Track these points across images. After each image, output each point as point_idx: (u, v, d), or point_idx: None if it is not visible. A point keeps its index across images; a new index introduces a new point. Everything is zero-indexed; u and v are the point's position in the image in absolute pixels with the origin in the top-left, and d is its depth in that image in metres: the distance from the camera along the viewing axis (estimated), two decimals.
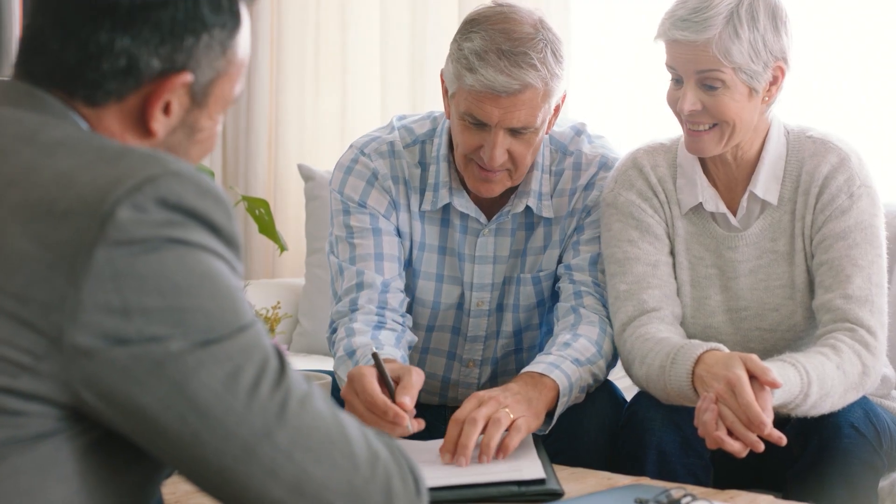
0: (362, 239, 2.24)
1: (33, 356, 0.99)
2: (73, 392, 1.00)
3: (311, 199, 3.18)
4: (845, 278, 2.04)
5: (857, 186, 2.07)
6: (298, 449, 1.05)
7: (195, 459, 1.03)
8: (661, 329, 2.08)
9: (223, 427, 1.02)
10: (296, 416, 1.05)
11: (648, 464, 2.04)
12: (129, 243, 0.99)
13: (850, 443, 1.96)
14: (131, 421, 1.02)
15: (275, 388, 1.05)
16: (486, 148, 2.10)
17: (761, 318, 2.14)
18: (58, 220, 0.99)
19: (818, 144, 2.11)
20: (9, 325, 0.98)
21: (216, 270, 1.04)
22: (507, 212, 2.25)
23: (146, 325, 1.00)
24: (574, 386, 2.06)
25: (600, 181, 2.26)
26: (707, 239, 2.16)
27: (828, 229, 2.07)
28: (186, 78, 1.13)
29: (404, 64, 3.43)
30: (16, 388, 0.99)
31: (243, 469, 1.03)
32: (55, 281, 0.98)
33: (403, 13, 3.42)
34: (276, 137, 3.60)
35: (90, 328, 0.99)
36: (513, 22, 2.08)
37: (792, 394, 1.89)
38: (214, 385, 1.02)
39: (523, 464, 1.83)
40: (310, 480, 1.05)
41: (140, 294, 0.99)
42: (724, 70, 1.99)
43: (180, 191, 1.02)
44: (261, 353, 1.05)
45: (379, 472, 1.09)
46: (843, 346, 1.98)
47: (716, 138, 2.05)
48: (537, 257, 2.29)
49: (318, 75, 3.56)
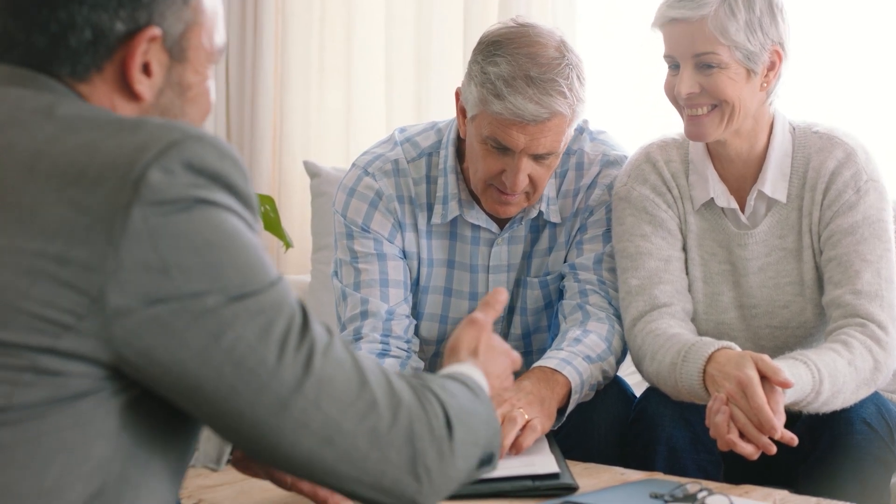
0: (367, 264, 2.21)
1: (75, 316, 1.01)
2: (114, 350, 1.03)
3: (317, 195, 3.17)
4: (854, 274, 2.03)
5: (865, 181, 2.07)
6: (325, 399, 1.09)
7: (231, 413, 1.07)
8: (672, 325, 2.07)
9: (257, 379, 1.06)
10: (321, 367, 1.09)
11: (658, 459, 2.04)
12: (162, 203, 1.03)
13: (862, 438, 1.96)
14: (170, 376, 1.05)
15: (301, 340, 1.09)
16: (509, 173, 2.08)
17: (771, 315, 2.13)
18: (90, 186, 1.03)
19: (824, 140, 2.11)
20: (51, 287, 1.01)
21: (241, 229, 1.08)
22: (521, 218, 2.24)
23: (185, 281, 1.03)
24: (585, 383, 2.06)
25: (602, 180, 2.25)
26: (719, 235, 2.16)
27: (835, 225, 2.06)
28: (154, 32, 1.15)
29: (409, 60, 3.42)
30: (58, 348, 1.01)
31: (276, 422, 1.07)
32: (94, 242, 1.01)
33: (408, 10, 3.42)
34: (280, 134, 3.59)
35: (130, 286, 1.02)
36: (538, 45, 2.06)
37: (804, 392, 1.89)
38: (249, 338, 1.05)
39: (536, 459, 1.84)
40: (337, 429, 1.09)
41: (176, 251, 1.03)
42: (721, 49, 2.00)
43: (203, 153, 1.06)
44: (289, 307, 1.09)
45: (402, 416, 1.13)
46: (855, 342, 1.98)
47: (715, 121, 2.04)
48: (543, 259, 2.28)
49: (323, 72, 3.55)
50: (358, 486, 1.13)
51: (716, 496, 1.61)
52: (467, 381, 1.27)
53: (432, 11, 3.37)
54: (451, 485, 1.18)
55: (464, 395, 1.23)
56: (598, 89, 2.96)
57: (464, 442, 1.18)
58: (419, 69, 3.41)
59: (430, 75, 3.38)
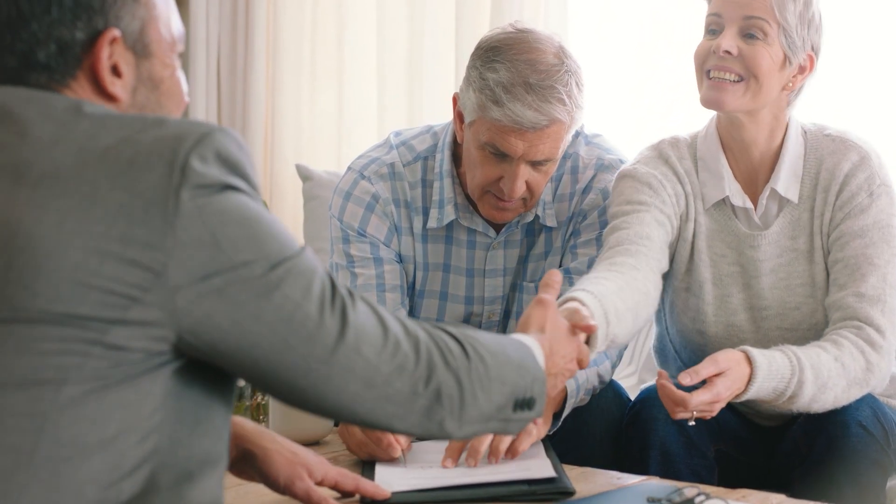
0: (363, 269, 2.21)
1: (141, 289, 1.12)
2: (177, 319, 1.14)
3: (310, 198, 3.17)
4: (860, 277, 2.02)
5: (878, 185, 2.06)
6: (363, 344, 1.22)
7: (284, 366, 1.19)
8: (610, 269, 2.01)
9: (306, 331, 1.19)
10: (354, 318, 1.22)
11: (652, 463, 2.04)
12: (203, 186, 1.14)
13: (859, 441, 1.96)
14: (229, 338, 1.17)
15: (334, 296, 1.21)
16: (507, 180, 2.08)
17: (783, 317, 2.12)
18: (140, 172, 1.13)
19: (837, 142, 2.10)
20: (118, 265, 1.12)
21: (263, 210, 1.21)
22: (517, 222, 2.23)
23: (234, 252, 1.15)
24: (581, 388, 2.05)
25: (597, 184, 2.24)
26: (729, 236, 2.14)
27: (845, 226, 2.06)
28: (113, 34, 1.23)
29: (401, 63, 3.42)
30: (127, 319, 1.13)
31: (325, 369, 1.20)
32: (152, 222, 1.12)
33: (400, 12, 3.41)
34: (272, 137, 3.58)
35: (189, 261, 1.13)
36: (537, 52, 2.06)
37: (783, 378, 1.89)
38: (294, 297, 1.18)
39: (532, 463, 1.83)
40: (376, 371, 1.22)
41: (223, 226, 1.15)
42: (771, 23, 2.00)
43: (228, 144, 1.17)
44: (321, 269, 1.22)
45: (422, 351, 1.26)
46: (844, 341, 1.97)
47: (738, 92, 2.02)
48: (539, 264, 2.27)
49: (315, 75, 3.54)
50: (396, 421, 1.25)
51: (713, 500, 1.61)
52: (508, 337, 1.43)
53: (424, 14, 3.37)
54: (476, 416, 1.30)
55: (494, 340, 1.36)
56: (590, 92, 2.95)
57: (483, 376, 1.30)
58: (411, 72, 3.40)
59: (423, 78, 3.38)
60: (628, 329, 1.93)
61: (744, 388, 1.88)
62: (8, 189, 1.14)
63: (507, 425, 1.36)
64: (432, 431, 1.28)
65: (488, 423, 1.33)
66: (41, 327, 1.11)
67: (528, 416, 1.38)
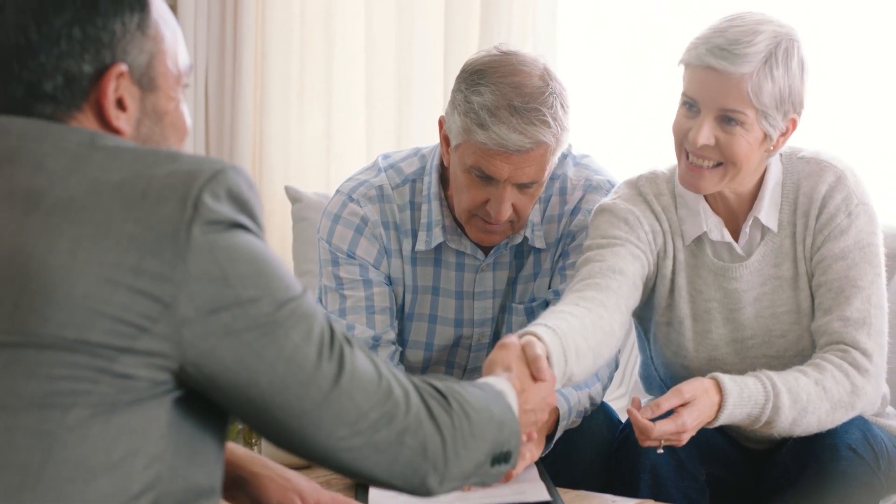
0: (353, 291, 2.21)
1: (150, 319, 1.14)
2: (182, 351, 1.15)
3: (299, 220, 3.17)
4: (844, 300, 2.01)
5: (856, 205, 2.05)
6: (357, 391, 1.22)
7: (279, 406, 1.20)
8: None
9: (304, 374, 1.19)
10: (351, 364, 1.23)
11: (643, 486, 2.03)
12: (214, 222, 1.16)
13: (848, 464, 1.95)
14: (229, 373, 1.17)
15: (332, 341, 1.22)
16: (493, 203, 2.08)
17: (768, 345, 2.10)
18: (153, 205, 1.15)
19: (812, 164, 2.08)
20: (129, 295, 1.13)
21: (270, 250, 1.22)
22: (506, 244, 2.24)
23: (242, 289, 1.17)
24: (573, 410, 2.06)
25: (585, 205, 2.24)
26: (706, 272, 2.12)
27: (826, 249, 2.04)
28: (121, 69, 1.23)
29: (390, 85, 3.42)
30: (136, 348, 1.14)
31: (318, 412, 1.21)
32: (164, 255, 1.14)
33: (389, 34, 3.41)
34: (260, 159, 3.58)
35: (198, 295, 1.15)
36: (522, 74, 2.06)
37: (756, 403, 1.89)
38: (296, 339, 1.19)
39: (527, 487, 1.84)
40: (365, 418, 1.23)
41: (232, 263, 1.16)
42: (750, 111, 1.95)
43: (239, 183, 1.19)
44: (321, 313, 1.23)
45: (412, 404, 1.26)
46: (828, 365, 1.96)
47: (716, 177, 2.00)
48: (528, 286, 2.27)
49: (303, 96, 3.54)
50: (379, 470, 1.25)
51: None
52: (483, 385, 1.43)
53: (412, 36, 3.37)
54: (457, 473, 1.30)
55: (478, 397, 1.36)
56: (580, 99, 2.96)
57: (468, 434, 1.30)
58: (400, 93, 3.40)
59: (411, 100, 3.38)
60: (587, 368, 1.89)
61: (714, 416, 1.88)
62: (22, 216, 1.15)
63: (485, 478, 1.37)
64: (414, 485, 1.28)
65: (468, 479, 1.33)
66: (51, 353, 1.13)
67: (503, 469, 1.38)
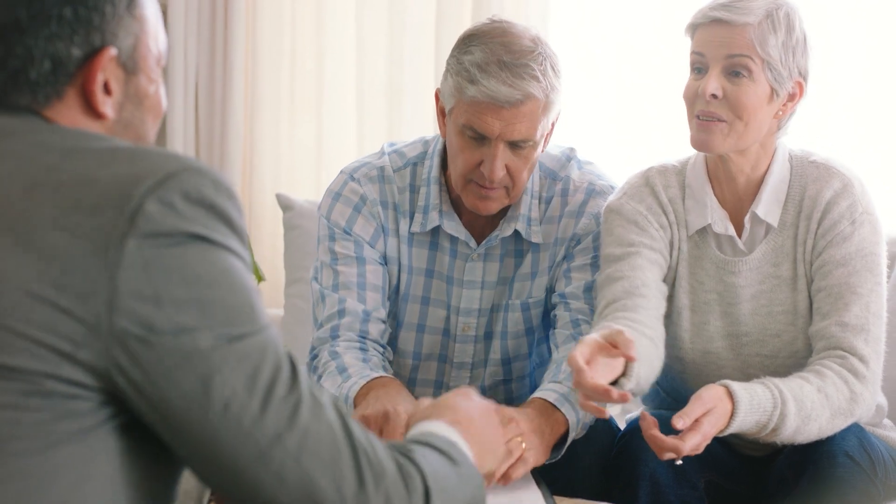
0: (346, 266, 2.24)
1: (73, 344, 1.03)
2: (109, 380, 1.04)
3: (290, 228, 3.14)
4: (843, 306, 2.02)
5: (860, 213, 2.06)
6: (306, 454, 1.08)
7: (212, 458, 1.07)
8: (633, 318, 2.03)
9: (240, 427, 1.06)
10: (306, 422, 1.09)
11: (642, 494, 2.03)
12: (157, 235, 1.04)
13: (845, 472, 1.96)
14: (157, 412, 1.06)
15: (288, 392, 1.08)
16: (487, 162, 2.10)
17: (762, 343, 2.12)
18: (87, 214, 1.04)
19: (821, 169, 2.11)
20: (50, 313, 1.03)
21: (236, 269, 1.08)
22: (497, 236, 2.25)
23: (175, 314, 1.04)
24: (580, 422, 2.06)
25: (590, 209, 2.26)
26: (708, 263, 2.15)
27: (828, 255, 2.06)
28: (111, 53, 1.18)
29: (381, 91, 3.41)
30: (61, 375, 1.03)
31: (255, 471, 1.07)
32: (90, 270, 1.03)
33: (380, 40, 3.41)
34: (251, 166, 3.56)
35: (125, 315, 1.03)
36: (511, 36, 2.09)
37: (765, 411, 1.89)
38: (236, 384, 1.06)
39: (524, 495, 1.83)
40: (315, 488, 1.08)
41: (168, 284, 1.04)
42: (755, 59, 2.00)
43: (200, 184, 1.07)
44: (276, 356, 1.09)
45: (382, 487, 1.11)
46: (828, 371, 1.97)
47: (725, 132, 2.03)
48: (525, 284, 2.28)
49: (294, 103, 3.53)
50: None
51: None
52: (447, 447, 1.24)
53: (403, 43, 3.37)
54: None
55: (442, 465, 1.20)
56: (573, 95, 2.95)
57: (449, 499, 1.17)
58: (390, 101, 3.40)
59: (402, 107, 3.38)
60: (647, 376, 1.93)
61: (726, 424, 1.88)
62: None
63: None
64: None
65: None
66: None
67: None
